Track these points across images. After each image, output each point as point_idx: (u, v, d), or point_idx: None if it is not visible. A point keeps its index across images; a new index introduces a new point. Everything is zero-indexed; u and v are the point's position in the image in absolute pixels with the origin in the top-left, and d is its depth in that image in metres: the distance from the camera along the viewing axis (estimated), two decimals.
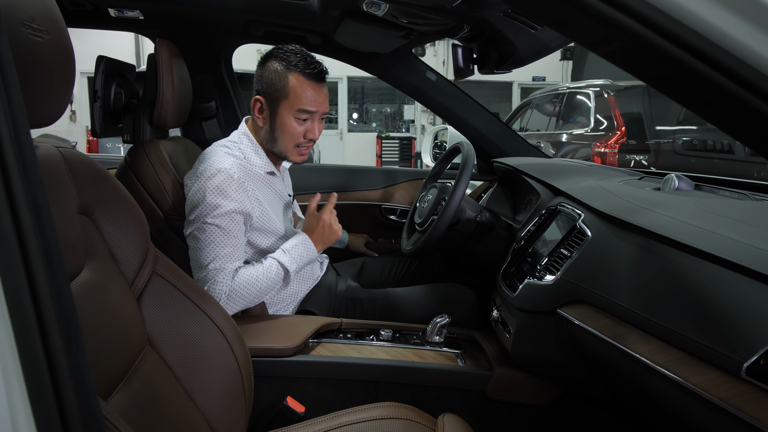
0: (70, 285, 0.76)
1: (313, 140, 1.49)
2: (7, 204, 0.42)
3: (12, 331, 0.41)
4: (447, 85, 2.07)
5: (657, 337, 0.82)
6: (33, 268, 0.43)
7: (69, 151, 0.87)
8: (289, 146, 1.48)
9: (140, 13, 1.70)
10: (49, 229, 0.45)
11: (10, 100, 0.45)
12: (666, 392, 0.78)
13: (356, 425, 1.01)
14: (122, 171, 1.47)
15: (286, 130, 1.45)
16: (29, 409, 0.41)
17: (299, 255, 1.45)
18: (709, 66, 0.49)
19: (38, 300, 0.43)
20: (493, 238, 1.61)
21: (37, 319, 0.42)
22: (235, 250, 1.37)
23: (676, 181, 1.23)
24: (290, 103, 1.42)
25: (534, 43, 1.33)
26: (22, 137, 0.45)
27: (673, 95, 0.56)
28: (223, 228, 1.34)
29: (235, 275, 1.35)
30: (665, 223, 0.89)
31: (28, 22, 0.69)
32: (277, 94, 1.43)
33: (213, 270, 1.33)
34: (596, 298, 0.97)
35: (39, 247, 0.44)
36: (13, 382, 0.41)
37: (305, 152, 1.51)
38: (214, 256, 1.33)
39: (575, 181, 1.44)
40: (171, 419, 0.87)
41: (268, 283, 1.39)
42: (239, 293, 1.35)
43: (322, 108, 1.46)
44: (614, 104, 4.61)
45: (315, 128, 1.47)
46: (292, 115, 1.43)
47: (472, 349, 1.39)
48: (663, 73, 0.55)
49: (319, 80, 1.44)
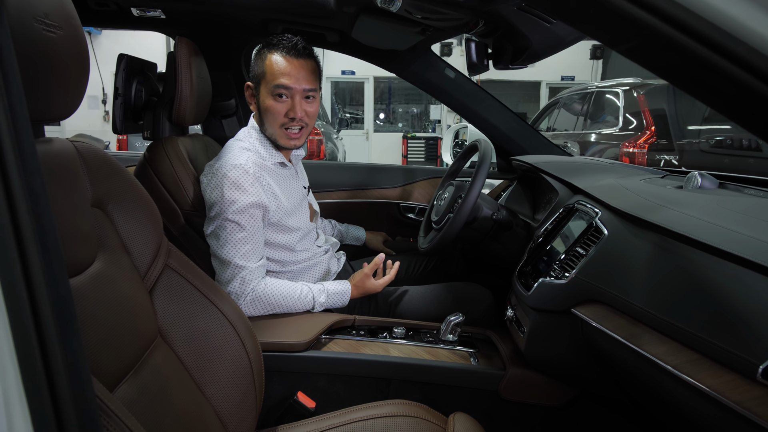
0: (82, 275, 0.78)
1: (296, 119, 1.43)
2: (4, 192, 0.43)
3: (7, 319, 0.42)
4: (466, 82, 2.05)
5: (671, 338, 0.79)
6: (28, 255, 0.43)
7: (83, 146, 0.89)
8: (275, 128, 1.45)
9: (162, 12, 1.73)
10: (46, 217, 0.46)
11: (9, 90, 0.46)
12: (679, 394, 0.76)
13: (367, 422, 1.01)
14: (141, 167, 1.49)
15: (268, 111, 1.43)
16: (23, 393, 0.42)
17: (333, 302, 1.48)
18: (717, 53, 0.47)
19: (33, 288, 0.43)
20: (511, 237, 1.59)
21: (31, 307, 0.43)
22: (255, 248, 1.38)
23: (699, 179, 1.19)
24: (267, 81, 1.42)
25: (549, 37, 1.31)
26: (20, 126, 0.46)
27: (683, 85, 0.54)
28: (242, 225, 1.35)
29: (265, 282, 1.38)
30: (683, 221, 0.86)
31: (42, 17, 0.70)
32: (258, 76, 1.43)
33: (235, 267, 1.35)
34: (610, 298, 0.95)
35: (35, 235, 0.44)
36: (8, 368, 0.41)
37: (295, 136, 1.47)
38: (234, 253, 1.35)
39: (595, 179, 1.41)
40: (180, 411, 0.88)
41: (291, 304, 1.41)
42: (263, 301, 1.37)
43: (300, 84, 1.41)
44: (644, 103, 4.51)
45: (297, 106, 1.42)
46: (270, 93, 1.42)
47: (485, 349, 1.37)
48: (670, 63, 0.53)
49: (297, 55, 1.41)
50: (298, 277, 1.55)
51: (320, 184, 2.13)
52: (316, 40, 1.99)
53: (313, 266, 1.58)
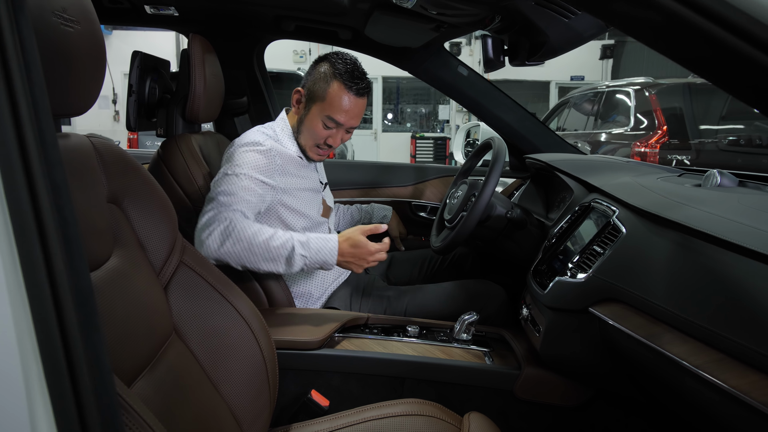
0: (98, 271, 0.78)
1: (332, 147, 1.53)
2: (26, 183, 0.43)
3: (29, 310, 0.41)
4: (479, 80, 2.04)
5: (694, 337, 0.78)
6: (50, 247, 0.43)
7: (100, 141, 0.89)
8: (308, 143, 1.52)
9: (175, 9, 1.74)
10: (68, 209, 0.46)
11: (31, 81, 0.45)
12: (703, 394, 0.74)
13: (381, 421, 1.00)
14: (155, 164, 1.50)
15: (311, 129, 1.49)
16: (45, 386, 0.41)
17: (316, 247, 1.33)
18: (749, 43, 0.46)
19: (54, 279, 0.43)
20: (525, 236, 1.57)
21: (53, 299, 0.43)
22: (246, 201, 1.35)
23: (718, 177, 1.17)
24: (323, 106, 1.46)
25: (567, 32, 1.29)
26: (42, 117, 0.45)
27: (713, 78, 0.52)
28: (243, 181, 1.36)
29: (243, 217, 1.32)
30: (705, 219, 0.85)
31: (60, 12, 0.70)
32: (316, 94, 1.47)
33: (218, 203, 1.32)
34: (630, 297, 0.94)
35: (56, 226, 0.44)
36: (30, 360, 0.41)
37: (323, 153, 1.56)
38: (221, 192, 1.34)
39: (610, 177, 1.40)
40: (194, 408, 0.87)
41: (267, 245, 1.29)
42: (236, 235, 1.27)
43: (351, 122, 1.49)
44: (656, 102, 4.47)
45: (338, 137, 1.51)
46: (321, 118, 1.47)
47: (500, 348, 1.36)
48: (701, 55, 0.52)
49: (358, 94, 1.46)
50: None
51: (332, 183, 2.12)
52: (328, 37, 1.98)
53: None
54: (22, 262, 0.41)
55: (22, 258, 0.41)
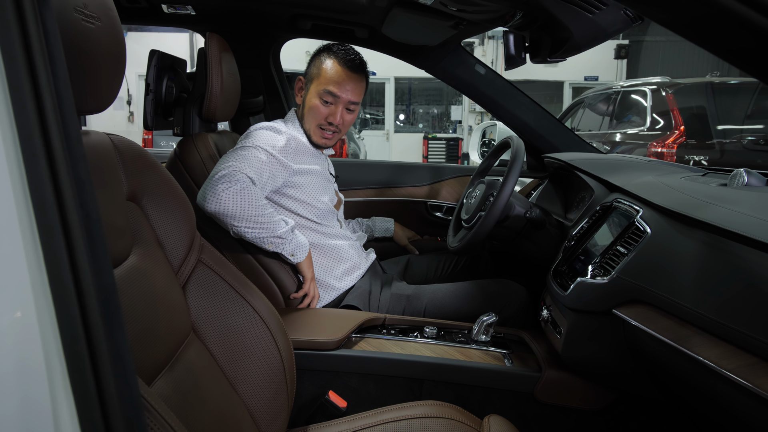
0: (118, 269, 0.77)
1: (334, 125, 1.55)
2: (50, 178, 0.42)
3: (53, 307, 0.41)
4: (497, 78, 2.02)
5: (725, 341, 0.76)
6: (74, 243, 0.42)
7: (119, 139, 0.88)
8: (312, 125, 1.56)
9: (192, 8, 1.74)
10: (91, 204, 0.45)
11: (55, 75, 0.45)
12: (735, 399, 0.72)
13: (399, 422, 0.99)
14: (172, 162, 1.50)
15: (312, 110, 1.54)
16: (68, 384, 0.40)
17: (297, 243, 1.41)
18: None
19: (78, 276, 0.42)
20: (544, 236, 1.55)
21: (77, 296, 0.42)
22: (258, 175, 1.34)
23: (745, 176, 1.14)
24: (319, 82, 1.52)
25: (591, 28, 1.26)
26: (66, 112, 0.45)
27: (755, 70, 0.50)
28: (255, 153, 1.36)
29: (250, 183, 1.31)
30: (735, 219, 0.83)
31: (81, 8, 0.70)
32: (313, 74, 1.55)
33: (231, 168, 1.30)
34: (656, 298, 0.91)
35: (80, 222, 0.43)
36: (54, 358, 0.40)
37: (328, 137, 1.58)
38: (235, 158, 1.33)
39: (632, 176, 1.37)
40: (213, 407, 0.87)
41: (265, 216, 1.32)
42: (246, 196, 1.28)
43: (348, 95, 1.52)
44: (673, 102, 4.41)
45: (338, 114, 1.54)
46: (318, 94, 1.52)
47: (519, 350, 1.34)
48: (744, 47, 0.50)
49: (352, 69, 1.52)
50: (329, 253, 1.56)
51: (347, 182, 2.11)
52: (344, 36, 1.97)
53: (338, 248, 1.58)
54: (46, 258, 0.41)
55: (46, 254, 0.41)
